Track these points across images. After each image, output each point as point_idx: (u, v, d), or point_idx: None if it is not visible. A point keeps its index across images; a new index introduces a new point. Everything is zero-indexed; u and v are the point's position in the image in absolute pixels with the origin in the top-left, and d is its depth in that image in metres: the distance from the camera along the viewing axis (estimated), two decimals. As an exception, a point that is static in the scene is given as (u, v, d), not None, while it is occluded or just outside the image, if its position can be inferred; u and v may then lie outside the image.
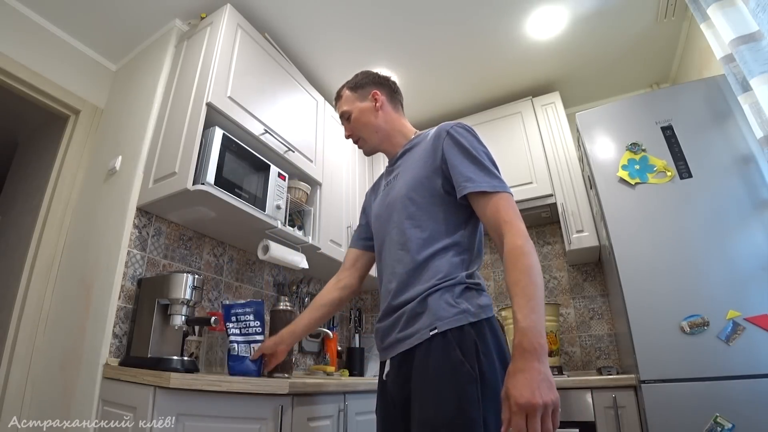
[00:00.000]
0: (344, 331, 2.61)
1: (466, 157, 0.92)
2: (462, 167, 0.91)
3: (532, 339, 0.70)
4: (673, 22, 2.00)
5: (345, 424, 1.35)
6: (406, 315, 0.88)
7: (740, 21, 1.21)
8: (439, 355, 0.79)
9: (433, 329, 0.82)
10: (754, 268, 1.28)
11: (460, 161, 0.92)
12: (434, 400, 0.77)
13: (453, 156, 0.93)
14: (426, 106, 2.60)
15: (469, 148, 0.93)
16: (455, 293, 0.84)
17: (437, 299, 0.84)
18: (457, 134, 0.95)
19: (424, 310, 0.85)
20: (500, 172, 0.92)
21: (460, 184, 0.90)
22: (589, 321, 2.15)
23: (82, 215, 1.74)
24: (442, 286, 0.85)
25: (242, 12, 1.82)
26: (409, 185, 0.98)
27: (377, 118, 1.11)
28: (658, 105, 1.60)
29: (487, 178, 0.89)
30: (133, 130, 1.72)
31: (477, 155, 0.92)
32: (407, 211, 0.96)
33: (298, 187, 1.96)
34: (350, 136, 1.15)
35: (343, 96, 1.16)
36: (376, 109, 1.11)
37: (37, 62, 1.78)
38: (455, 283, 0.85)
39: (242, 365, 1.34)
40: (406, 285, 0.90)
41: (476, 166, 0.91)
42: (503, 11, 1.93)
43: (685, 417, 1.23)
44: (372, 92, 1.13)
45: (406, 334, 0.87)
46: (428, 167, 0.96)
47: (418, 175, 0.97)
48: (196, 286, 1.38)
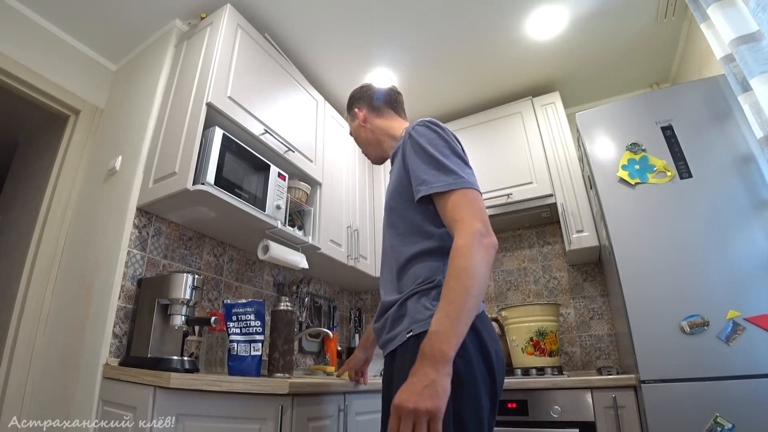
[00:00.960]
0: (344, 331, 2.61)
1: (421, 159, 0.89)
2: (418, 170, 0.88)
3: (434, 344, 0.68)
4: (673, 22, 2.00)
5: (345, 424, 1.35)
6: (390, 318, 0.90)
7: (740, 21, 1.21)
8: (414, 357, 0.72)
9: (410, 332, 0.82)
10: (754, 268, 1.28)
11: (416, 164, 0.89)
12: None
13: (411, 160, 0.91)
14: (426, 106, 2.60)
15: (426, 146, 0.89)
16: (431, 296, 0.84)
17: (415, 303, 0.85)
18: (416, 134, 0.93)
19: (404, 313, 0.86)
20: (464, 162, 0.89)
21: (416, 188, 0.88)
22: (589, 321, 2.15)
23: (82, 215, 1.74)
24: (419, 290, 0.86)
25: (242, 12, 1.82)
26: (389, 193, 1.00)
27: (366, 132, 1.17)
28: (658, 105, 1.60)
29: (442, 177, 0.84)
30: (133, 130, 1.72)
31: (433, 153, 0.87)
32: (390, 220, 0.98)
33: (298, 187, 1.96)
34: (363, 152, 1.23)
35: (347, 121, 1.27)
36: (362, 126, 1.17)
37: (37, 62, 1.78)
38: (432, 287, 0.85)
39: (242, 365, 1.34)
40: (391, 289, 0.93)
41: (431, 165, 0.87)
42: (503, 11, 1.93)
43: (685, 417, 1.23)
44: (354, 111, 1.20)
45: (390, 336, 0.89)
46: (401, 173, 0.95)
47: (394, 183, 0.98)
48: (196, 286, 1.38)
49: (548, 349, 1.83)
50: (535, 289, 2.33)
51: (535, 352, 1.83)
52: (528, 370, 1.78)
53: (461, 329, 0.69)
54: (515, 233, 2.49)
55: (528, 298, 2.33)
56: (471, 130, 2.49)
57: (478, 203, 0.82)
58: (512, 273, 2.43)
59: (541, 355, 1.82)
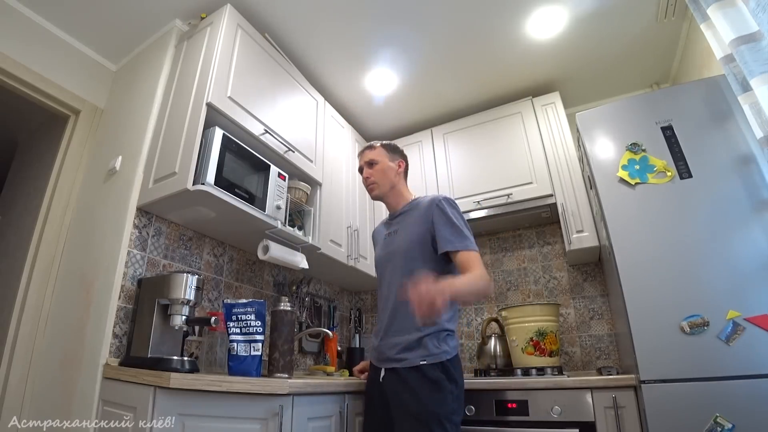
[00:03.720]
0: (344, 331, 2.61)
1: (447, 224, 1.29)
2: (444, 231, 1.28)
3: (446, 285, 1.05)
4: (673, 22, 2.00)
5: (345, 424, 1.35)
6: (402, 345, 1.24)
7: (740, 21, 1.21)
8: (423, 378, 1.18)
9: (423, 360, 1.20)
10: (754, 268, 1.28)
11: (442, 226, 1.29)
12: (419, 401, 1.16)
13: (438, 222, 1.30)
14: (426, 106, 2.61)
15: (451, 215, 1.30)
16: (441, 338, 1.23)
17: (429, 341, 1.22)
18: (442, 207, 1.32)
19: (419, 346, 1.22)
20: (471, 233, 1.29)
21: (441, 244, 1.27)
22: (589, 321, 2.15)
23: (82, 215, 1.74)
24: (432, 333, 1.22)
25: (242, 12, 1.82)
26: (408, 243, 1.34)
27: (393, 178, 1.48)
28: (658, 105, 1.60)
29: (460, 239, 1.26)
30: (133, 130, 1.72)
31: (457, 222, 1.29)
32: (407, 266, 1.31)
33: (298, 187, 1.96)
34: (368, 179, 1.48)
35: (376, 148, 1.50)
36: (397, 173, 1.49)
37: (37, 62, 1.78)
38: (442, 330, 1.24)
39: (242, 365, 1.34)
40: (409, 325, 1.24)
41: (455, 230, 1.27)
42: (503, 11, 1.93)
43: (685, 417, 1.23)
44: (399, 160, 1.52)
45: (401, 357, 1.24)
46: (423, 229, 1.32)
47: (415, 236, 1.33)
48: (197, 286, 1.38)
49: (548, 349, 1.83)
50: (535, 290, 2.33)
51: (535, 352, 1.83)
52: (528, 370, 1.78)
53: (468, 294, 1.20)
54: (515, 233, 2.49)
55: (528, 298, 2.33)
56: (471, 130, 2.49)
57: (481, 261, 1.24)
58: (512, 273, 2.43)
59: (541, 355, 1.82)
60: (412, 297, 1.00)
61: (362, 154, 1.52)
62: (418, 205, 1.40)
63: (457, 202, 1.37)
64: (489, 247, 2.54)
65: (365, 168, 1.49)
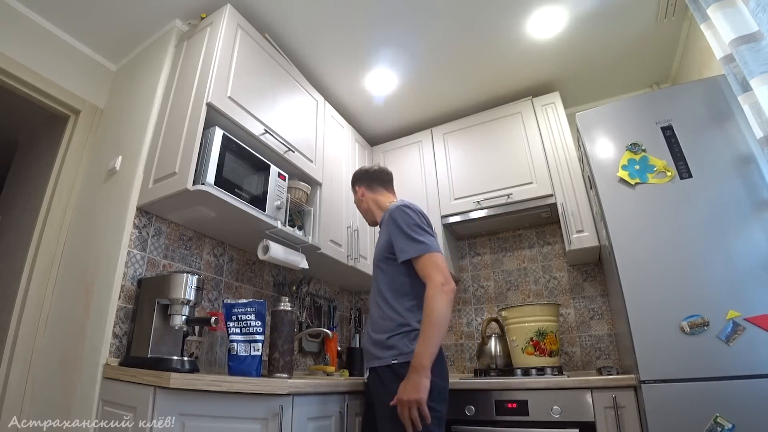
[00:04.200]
0: (344, 331, 2.61)
1: (399, 234, 1.29)
2: (397, 242, 1.29)
3: (418, 360, 1.12)
4: (673, 22, 2.00)
5: (345, 424, 1.35)
6: (377, 345, 1.27)
7: (740, 21, 1.21)
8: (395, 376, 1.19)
9: (395, 360, 1.21)
10: (754, 268, 1.28)
11: (396, 237, 1.30)
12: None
13: (392, 234, 1.31)
14: (426, 106, 2.61)
15: (402, 224, 1.30)
16: (411, 337, 1.23)
17: (398, 341, 1.23)
18: (393, 216, 1.32)
19: (390, 346, 1.24)
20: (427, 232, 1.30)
21: (398, 255, 1.29)
22: (589, 321, 2.15)
23: (82, 215, 1.74)
24: (402, 332, 1.24)
25: (242, 12, 1.82)
26: (377, 255, 1.39)
27: (364, 204, 1.57)
28: (658, 105, 1.60)
29: (414, 246, 1.26)
30: (133, 130, 1.72)
31: (407, 230, 1.28)
32: (378, 276, 1.37)
33: (298, 187, 1.96)
34: None
35: None
36: (360, 200, 1.58)
37: (37, 62, 1.78)
38: (410, 330, 1.24)
39: (242, 365, 1.34)
40: (379, 325, 1.30)
41: (406, 238, 1.28)
42: (503, 11, 1.93)
43: (685, 417, 1.23)
44: (358, 188, 1.59)
45: (378, 355, 1.27)
46: (384, 241, 1.36)
47: (380, 248, 1.38)
48: (197, 286, 1.38)
49: (548, 349, 1.83)
50: (535, 290, 2.33)
51: (535, 352, 1.83)
52: (528, 370, 1.78)
53: (433, 350, 1.15)
54: (515, 233, 2.49)
55: (528, 298, 2.33)
56: (471, 130, 2.49)
57: (439, 261, 1.24)
58: (512, 273, 2.43)
59: (541, 355, 1.82)
60: (402, 418, 1.09)
61: None
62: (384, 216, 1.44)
63: (412, 205, 1.36)
64: (489, 247, 2.54)
65: None
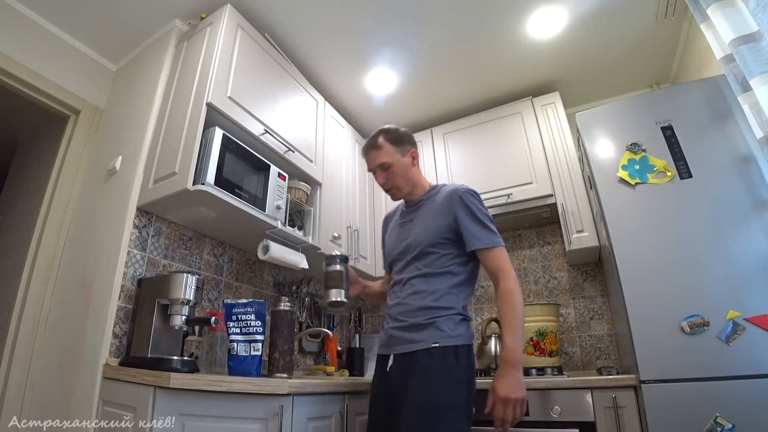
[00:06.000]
0: (344, 331, 2.61)
1: (472, 219, 1.21)
2: (470, 227, 1.20)
3: (512, 355, 1.07)
4: (673, 22, 2.00)
5: (345, 424, 1.35)
6: (414, 329, 1.17)
7: (740, 21, 1.21)
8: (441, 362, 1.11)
9: (436, 342, 1.12)
10: (754, 268, 1.28)
11: (468, 222, 1.21)
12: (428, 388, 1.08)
13: (462, 217, 1.22)
14: (426, 106, 2.60)
15: (476, 211, 1.22)
16: (455, 321, 1.16)
17: (443, 322, 1.15)
18: (467, 200, 1.23)
19: (431, 327, 1.15)
20: (495, 226, 1.23)
21: (469, 241, 1.20)
22: (589, 321, 2.15)
23: (82, 215, 1.74)
24: (446, 315, 1.16)
25: (242, 12, 1.82)
26: (426, 234, 1.25)
27: (411, 173, 1.35)
28: (658, 105, 1.60)
29: (490, 236, 1.20)
30: (133, 130, 1.72)
31: (482, 218, 1.22)
32: (423, 259, 1.24)
33: (298, 187, 1.96)
34: (385, 185, 1.34)
35: (382, 147, 1.33)
36: (412, 166, 1.35)
37: (37, 62, 1.78)
38: (455, 314, 1.17)
39: (242, 365, 1.34)
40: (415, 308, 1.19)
41: (481, 226, 1.21)
42: (503, 11, 1.93)
43: (685, 417, 1.23)
44: (410, 150, 1.36)
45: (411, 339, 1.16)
46: (442, 223, 1.24)
47: (434, 230, 1.24)
48: (197, 286, 1.38)
49: (548, 349, 1.83)
50: (535, 290, 2.33)
51: (535, 352, 1.83)
52: (528, 370, 1.78)
53: (521, 342, 1.09)
54: (515, 233, 2.49)
55: (528, 298, 2.33)
56: (471, 130, 2.49)
57: (508, 256, 1.20)
58: (512, 273, 2.42)
59: (541, 355, 1.82)
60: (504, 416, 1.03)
61: (368, 156, 1.36)
62: (437, 196, 1.31)
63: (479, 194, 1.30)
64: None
65: (379, 172, 1.34)
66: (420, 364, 1.11)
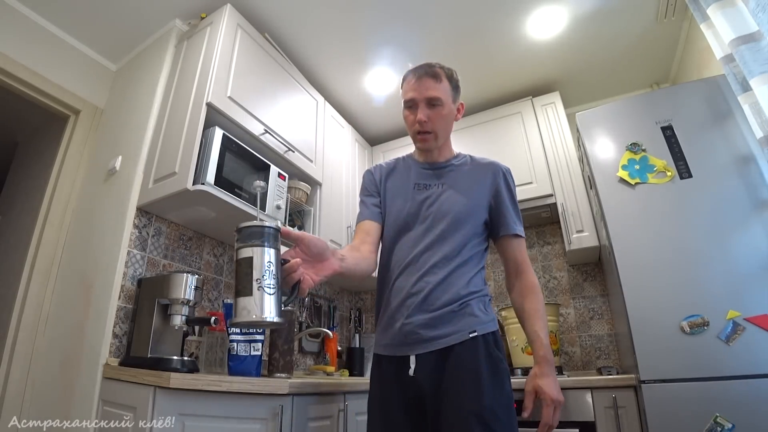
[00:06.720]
0: (344, 331, 2.61)
1: (514, 203, 1.13)
2: (512, 210, 1.11)
3: (548, 353, 0.99)
4: (673, 22, 2.00)
5: (345, 424, 1.35)
6: (444, 319, 0.97)
7: (740, 21, 1.21)
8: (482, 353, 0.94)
9: (473, 332, 0.96)
10: (754, 268, 1.28)
11: (511, 204, 1.12)
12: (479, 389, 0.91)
13: (506, 197, 1.11)
14: (426, 106, 2.60)
15: (515, 194, 1.14)
16: (485, 302, 1.03)
17: (475, 305, 0.99)
18: (510, 180, 1.14)
19: (465, 313, 0.98)
20: None
21: (508, 225, 1.10)
22: (589, 321, 2.15)
23: (82, 215, 1.74)
24: (477, 297, 1.01)
25: (242, 12, 1.82)
26: (468, 206, 1.08)
27: (451, 125, 1.16)
28: (658, 105, 1.60)
29: (521, 224, 1.12)
30: (133, 130, 1.72)
31: (517, 202, 1.14)
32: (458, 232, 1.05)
33: (298, 187, 1.96)
34: (426, 124, 1.07)
35: (442, 81, 1.09)
36: (456, 118, 1.17)
37: (37, 62, 1.78)
38: (484, 295, 1.04)
39: (242, 365, 1.34)
40: (444, 291, 0.99)
41: (517, 211, 1.13)
42: (503, 11, 1.93)
43: (685, 417, 1.23)
44: (460, 103, 1.17)
45: (444, 333, 0.96)
46: (482, 197, 1.10)
47: (475, 201, 1.09)
48: (197, 286, 1.38)
49: (548, 349, 1.82)
50: (535, 289, 2.33)
51: (535, 352, 1.82)
52: (528, 370, 1.77)
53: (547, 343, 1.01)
54: (515, 233, 2.49)
55: (528, 298, 2.33)
56: (471, 130, 2.49)
57: None
58: (512, 273, 2.42)
59: (541, 355, 1.81)
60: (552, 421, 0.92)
61: (421, 82, 1.07)
62: (471, 164, 1.17)
63: None
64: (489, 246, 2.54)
65: (422, 107, 1.07)
66: (459, 362, 0.93)
